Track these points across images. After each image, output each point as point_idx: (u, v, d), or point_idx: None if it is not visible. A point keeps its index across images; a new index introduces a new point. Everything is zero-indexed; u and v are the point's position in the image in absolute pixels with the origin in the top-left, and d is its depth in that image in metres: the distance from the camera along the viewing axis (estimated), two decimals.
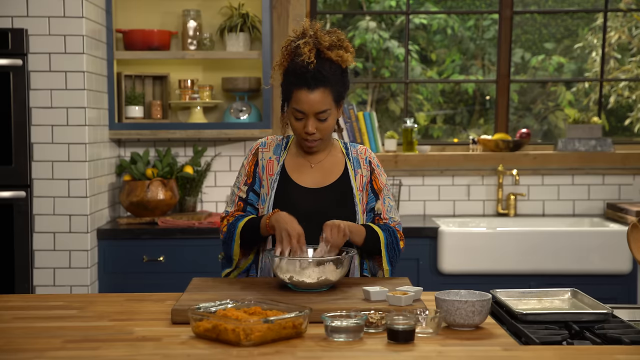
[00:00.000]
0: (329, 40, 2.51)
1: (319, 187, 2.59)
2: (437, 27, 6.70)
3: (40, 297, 2.54)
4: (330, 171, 2.62)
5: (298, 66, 2.48)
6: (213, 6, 4.37)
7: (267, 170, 2.61)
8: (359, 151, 2.68)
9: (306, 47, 2.48)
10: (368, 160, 2.66)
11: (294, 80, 2.49)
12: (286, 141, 2.68)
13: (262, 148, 2.65)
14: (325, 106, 2.49)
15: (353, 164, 2.64)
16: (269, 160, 2.62)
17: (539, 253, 3.95)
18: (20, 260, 3.77)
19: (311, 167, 2.62)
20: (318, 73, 2.47)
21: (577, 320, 2.06)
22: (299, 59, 2.48)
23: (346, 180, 2.61)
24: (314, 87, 2.47)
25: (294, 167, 2.62)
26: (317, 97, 2.47)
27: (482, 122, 6.71)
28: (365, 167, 2.65)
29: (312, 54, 2.47)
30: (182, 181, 4.35)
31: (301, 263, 2.25)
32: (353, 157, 2.66)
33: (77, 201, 3.80)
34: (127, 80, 4.35)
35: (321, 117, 2.50)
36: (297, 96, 2.48)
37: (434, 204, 4.56)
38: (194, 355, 1.79)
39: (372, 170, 2.65)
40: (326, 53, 2.50)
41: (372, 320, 1.96)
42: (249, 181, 2.63)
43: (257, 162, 2.64)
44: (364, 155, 2.67)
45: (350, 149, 2.68)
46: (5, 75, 3.72)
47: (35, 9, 3.74)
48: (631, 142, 5.01)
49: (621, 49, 6.27)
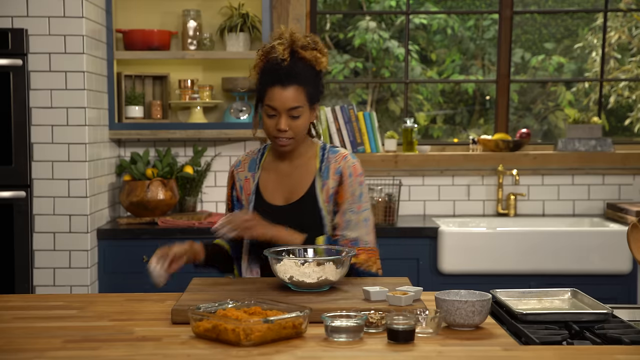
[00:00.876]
0: (303, 40, 2.54)
1: (288, 203, 2.59)
2: (437, 27, 6.70)
3: (40, 297, 2.54)
4: (298, 185, 2.60)
5: (272, 64, 2.51)
6: (213, 6, 4.37)
7: (245, 190, 2.65)
8: (335, 159, 2.60)
9: (281, 46, 2.51)
10: (340, 170, 2.58)
11: (268, 79, 2.51)
12: (262, 153, 2.69)
13: (237, 169, 2.69)
14: (297, 103, 2.50)
15: (322, 175, 2.58)
16: (246, 180, 2.66)
17: (539, 253, 3.95)
18: (20, 260, 3.77)
19: (282, 180, 2.62)
20: (291, 70, 2.49)
21: (577, 320, 2.06)
22: (275, 57, 2.51)
23: (312, 193, 2.57)
24: (287, 84, 2.49)
25: (267, 183, 2.63)
26: (289, 93, 2.49)
27: (482, 122, 6.71)
28: (334, 178, 2.57)
29: (286, 52, 2.50)
30: (182, 181, 4.35)
31: (301, 263, 2.25)
32: (325, 166, 2.59)
33: (77, 201, 3.80)
34: (127, 80, 4.36)
35: (294, 114, 2.50)
36: (270, 93, 2.50)
37: (434, 204, 4.56)
38: (194, 355, 1.79)
39: (342, 182, 2.57)
40: (300, 52, 2.52)
41: (372, 320, 1.96)
42: (230, 206, 2.70)
43: (233, 184, 2.68)
44: (338, 164, 2.59)
45: (327, 156, 2.61)
46: (5, 75, 3.72)
47: (35, 9, 3.74)
48: (631, 142, 5.01)
49: (621, 49, 6.27)
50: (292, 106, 2.50)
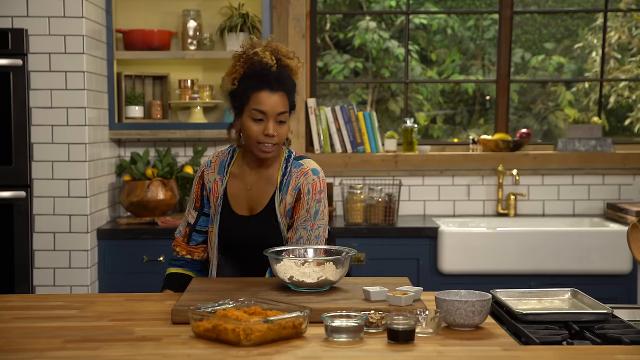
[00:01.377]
0: (284, 49, 2.58)
1: (251, 214, 2.61)
2: (437, 27, 6.70)
3: (40, 297, 2.54)
4: (261, 196, 2.61)
5: (259, 69, 2.52)
6: (213, 6, 4.37)
7: (213, 193, 2.65)
8: (296, 173, 2.59)
9: (267, 53, 2.53)
10: (299, 187, 2.57)
11: (255, 83, 2.52)
12: (231, 156, 2.69)
13: (207, 170, 2.69)
14: (284, 108, 2.53)
15: (282, 189, 2.59)
16: (214, 182, 2.66)
17: (539, 253, 3.95)
18: (20, 260, 3.77)
19: (247, 190, 2.62)
20: (279, 76, 2.53)
21: (577, 320, 2.06)
22: (261, 62, 2.52)
23: (272, 207, 2.59)
24: (276, 89, 2.52)
25: (233, 191, 2.63)
26: (278, 98, 2.52)
27: (482, 122, 6.71)
28: (292, 194, 2.58)
29: (273, 58, 2.53)
30: (182, 181, 4.35)
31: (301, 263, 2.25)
32: (286, 180, 2.59)
33: (77, 201, 3.80)
34: (127, 80, 4.36)
35: (281, 119, 2.53)
36: (258, 98, 2.51)
37: (434, 204, 4.55)
38: (194, 355, 1.79)
39: (299, 198, 2.57)
40: (284, 60, 2.56)
41: (372, 320, 1.96)
42: (197, 204, 2.69)
43: (203, 184, 2.68)
44: (298, 179, 2.58)
45: (290, 170, 2.60)
46: (5, 75, 3.72)
47: (35, 9, 3.74)
48: (631, 142, 5.01)
49: (621, 49, 6.27)
50: (280, 111, 2.53)
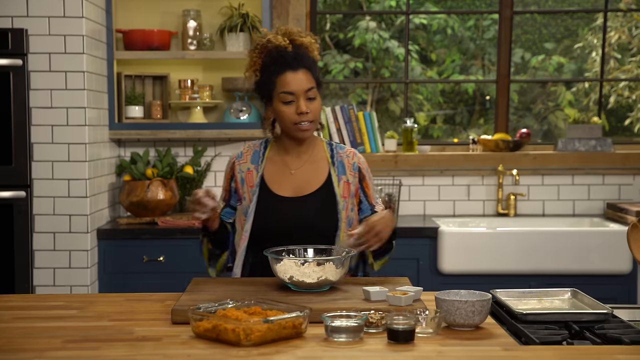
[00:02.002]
0: (295, 29, 2.58)
1: (299, 195, 2.57)
2: (437, 27, 6.70)
3: (40, 297, 2.54)
4: (312, 178, 2.60)
5: (275, 53, 2.53)
6: (213, 6, 4.37)
7: (247, 182, 2.61)
8: (346, 154, 2.63)
9: (278, 37, 2.54)
10: (357, 166, 2.61)
11: (276, 68, 2.52)
12: (264, 146, 2.67)
13: (239, 160, 2.65)
14: (311, 84, 2.52)
15: (337, 169, 2.60)
16: (248, 172, 2.62)
17: (539, 253, 3.95)
18: (20, 260, 3.77)
19: (291, 174, 2.60)
20: (297, 54, 2.52)
21: (577, 320, 2.06)
22: (275, 47, 2.52)
23: (329, 187, 2.57)
24: (297, 67, 2.51)
25: (273, 176, 2.60)
26: (302, 75, 2.51)
27: (482, 122, 6.71)
28: (352, 173, 2.60)
29: (286, 40, 2.53)
30: (182, 181, 4.35)
31: (301, 263, 2.25)
32: (338, 161, 2.61)
33: (77, 201, 3.80)
34: (127, 80, 4.36)
35: (310, 95, 2.52)
36: (283, 80, 2.51)
37: (434, 204, 4.55)
38: (194, 355, 1.79)
39: (362, 177, 2.62)
40: (297, 40, 2.56)
41: (372, 320, 1.96)
42: (226, 197, 2.67)
43: (233, 176, 2.65)
44: (351, 160, 2.62)
45: (336, 152, 2.64)
46: (5, 75, 3.72)
47: (35, 9, 3.74)
48: (631, 142, 5.01)
49: (621, 49, 6.27)
50: (308, 87, 2.52)
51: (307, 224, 2.52)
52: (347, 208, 2.58)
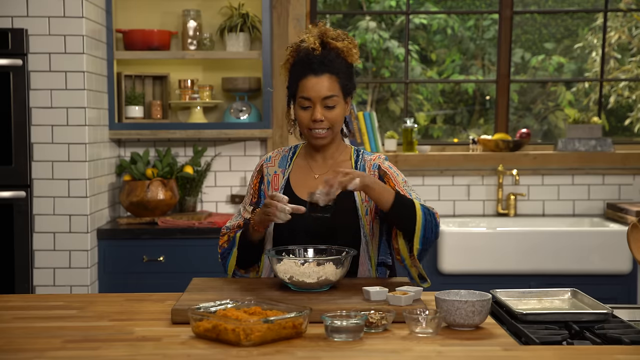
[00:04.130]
0: (334, 32, 2.50)
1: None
2: (437, 27, 6.70)
3: (40, 297, 2.54)
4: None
5: (303, 55, 2.46)
6: (213, 6, 4.37)
7: (273, 185, 2.58)
8: (369, 159, 2.57)
9: (311, 38, 2.47)
10: (376, 164, 2.55)
11: (300, 70, 2.46)
12: (293, 151, 2.64)
13: (267, 163, 2.62)
14: (331, 91, 2.45)
15: None
16: (275, 175, 2.59)
17: (539, 253, 3.95)
18: (20, 260, 3.77)
19: (315, 178, 2.56)
20: (324, 59, 2.45)
21: (577, 320, 2.06)
22: (306, 48, 2.46)
23: (349, 192, 2.47)
24: (320, 73, 2.44)
25: (298, 179, 2.57)
26: (323, 81, 2.44)
27: (482, 122, 6.71)
28: (372, 172, 2.53)
29: (316, 42, 2.46)
30: (182, 181, 4.35)
31: (301, 263, 2.25)
32: (361, 165, 2.56)
33: (77, 201, 3.80)
34: (127, 80, 4.36)
35: (328, 104, 2.45)
36: (304, 84, 2.45)
37: (434, 204, 4.55)
38: (194, 355, 1.79)
39: (384, 174, 2.52)
40: (332, 43, 2.48)
41: (372, 320, 1.96)
42: (254, 200, 2.60)
43: (262, 178, 2.61)
44: (372, 162, 2.56)
45: (361, 158, 2.58)
46: (5, 75, 3.72)
47: (35, 9, 3.74)
48: (631, 142, 5.01)
49: (621, 49, 6.27)
50: (326, 95, 2.45)
51: (327, 228, 2.46)
52: (372, 210, 2.51)
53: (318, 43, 2.47)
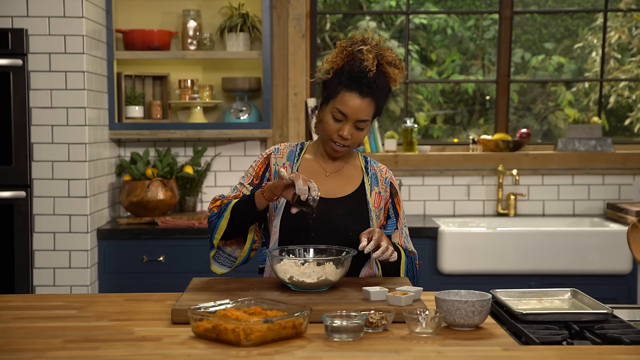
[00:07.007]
0: (390, 56, 2.50)
1: (332, 197, 2.55)
2: (437, 27, 6.70)
3: (40, 297, 2.54)
4: (346, 182, 2.59)
5: (356, 69, 2.45)
6: (213, 6, 4.37)
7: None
8: (379, 169, 2.65)
9: (370, 55, 2.46)
10: (389, 181, 2.63)
11: (347, 82, 2.45)
12: (300, 147, 2.65)
13: (275, 154, 2.62)
14: (367, 116, 2.48)
15: (370, 180, 2.61)
16: (283, 167, 2.57)
17: (539, 253, 3.95)
18: (20, 260, 3.77)
19: (326, 176, 2.59)
20: (373, 83, 2.45)
21: (577, 320, 2.06)
22: (361, 63, 2.45)
23: (362, 194, 2.57)
24: (365, 95, 2.45)
25: (307, 174, 2.56)
26: (364, 105, 2.46)
27: (482, 122, 6.71)
28: (384, 187, 2.62)
29: (374, 63, 2.46)
30: (182, 181, 4.35)
31: (301, 263, 2.25)
32: (372, 172, 2.63)
33: (77, 201, 3.80)
34: (127, 80, 4.36)
35: (360, 126, 2.49)
36: (345, 98, 2.45)
37: (434, 204, 4.56)
38: (194, 355, 1.79)
39: (395, 193, 2.63)
40: (385, 67, 2.49)
41: (372, 320, 1.96)
42: (256, 182, 2.59)
43: (267, 165, 2.60)
44: (384, 174, 2.64)
45: (370, 165, 2.66)
46: (5, 75, 3.72)
47: (35, 9, 3.74)
48: (631, 142, 5.01)
49: (621, 49, 6.27)
50: (361, 118, 2.47)
51: (335, 226, 2.48)
52: (381, 218, 2.60)
53: (375, 64, 2.46)
